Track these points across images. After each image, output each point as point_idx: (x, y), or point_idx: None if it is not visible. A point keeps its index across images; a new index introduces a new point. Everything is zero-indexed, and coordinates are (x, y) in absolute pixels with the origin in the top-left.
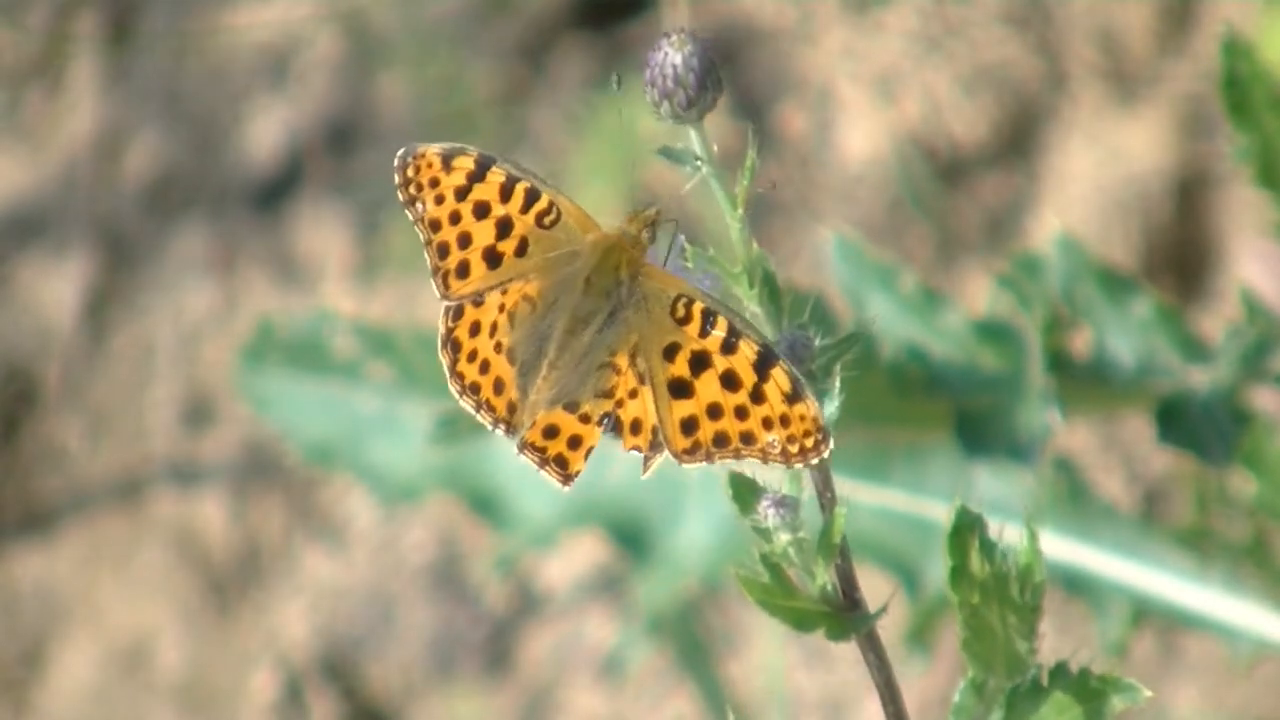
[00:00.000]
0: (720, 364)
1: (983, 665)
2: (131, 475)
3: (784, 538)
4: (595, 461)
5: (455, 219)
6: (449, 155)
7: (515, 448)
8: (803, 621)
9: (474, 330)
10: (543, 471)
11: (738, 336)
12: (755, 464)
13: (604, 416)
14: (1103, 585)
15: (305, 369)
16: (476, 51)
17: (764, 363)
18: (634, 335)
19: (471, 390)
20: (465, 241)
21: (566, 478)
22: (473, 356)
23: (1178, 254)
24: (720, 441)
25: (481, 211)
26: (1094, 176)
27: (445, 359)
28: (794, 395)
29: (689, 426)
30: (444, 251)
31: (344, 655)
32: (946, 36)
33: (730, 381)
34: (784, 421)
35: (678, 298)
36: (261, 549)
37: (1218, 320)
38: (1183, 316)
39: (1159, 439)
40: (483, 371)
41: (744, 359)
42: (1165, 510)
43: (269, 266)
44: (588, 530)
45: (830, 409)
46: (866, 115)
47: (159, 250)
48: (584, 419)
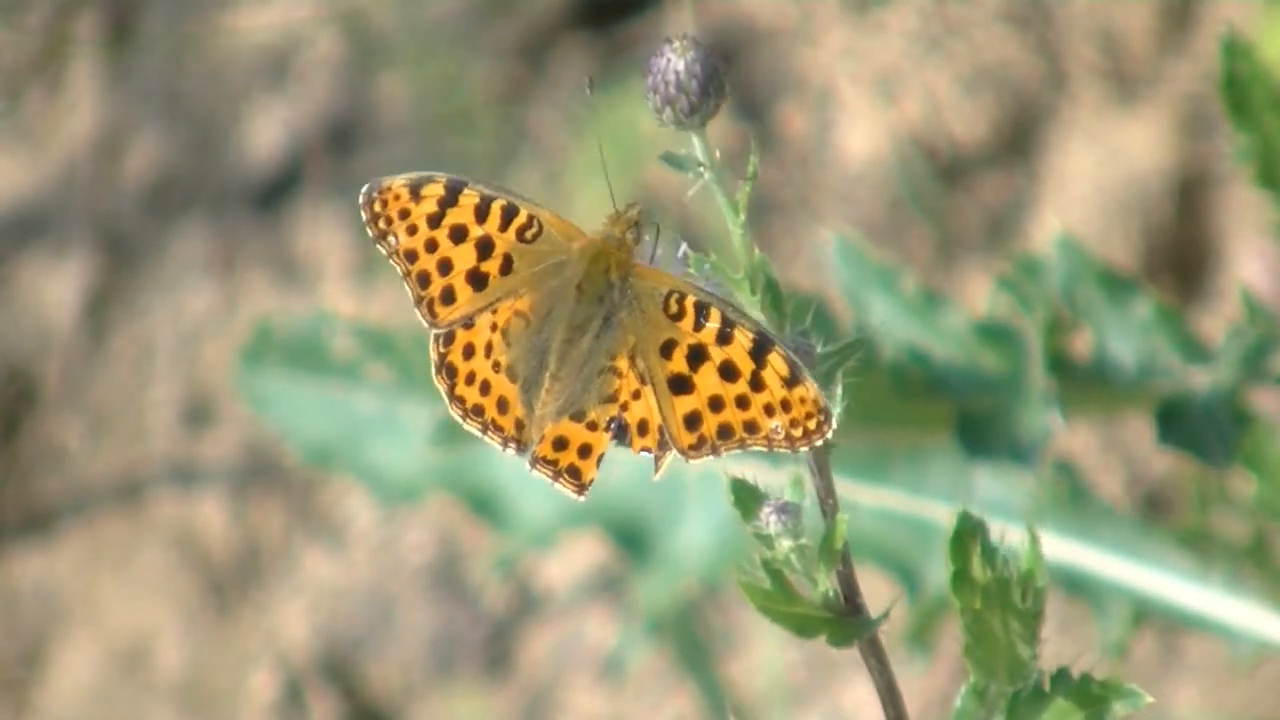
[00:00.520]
0: (717, 355)
1: (985, 671)
2: (131, 475)
3: (786, 544)
4: None
5: (432, 246)
6: (417, 185)
7: (527, 465)
8: (805, 627)
9: (468, 353)
10: (557, 484)
11: (732, 326)
12: (757, 468)
13: (610, 421)
14: (1103, 586)
15: (305, 369)
16: (476, 51)
17: (760, 349)
18: (631, 336)
19: (475, 413)
20: (446, 267)
21: (581, 487)
22: (471, 379)
23: (1178, 254)
24: (724, 433)
25: (459, 235)
26: (1094, 176)
27: (442, 385)
28: (793, 379)
29: (692, 422)
30: (424, 280)
31: (344, 655)
32: (947, 36)
33: (729, 372)
34: (785, 406)
35: (669, 294)
36: (261, 549)
37: (1218, 321)
38: (1183, 317)
39: (1159, 440)
40: (484, 393)
41: (740, 348)
42: (1165, 511)
43: (269, 267)
44: (587, 530)
45: (834, 414)
46: (866, 115)
47: (159, 250)
48: (591, 426)
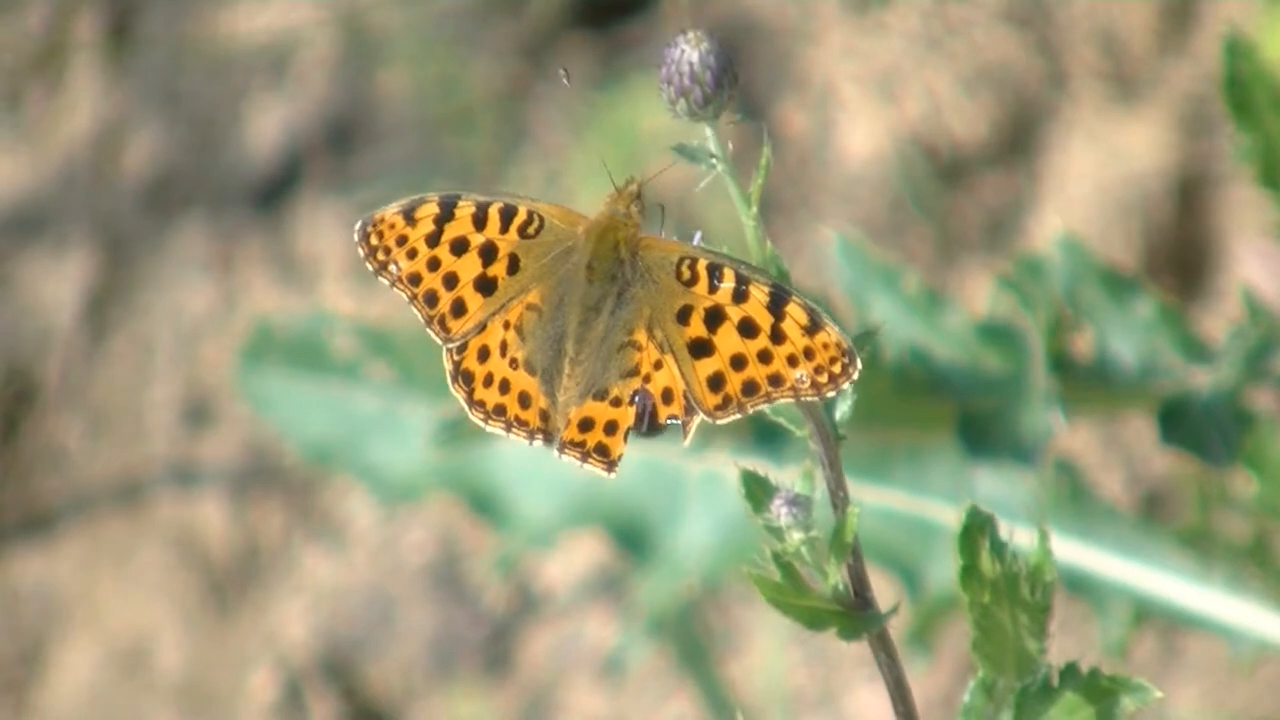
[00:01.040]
0: (735, 314)
1: (993, 665)
2: (131, 475)
3: (796, 536)
4: None
5: (434, 265)
6: (410, 209)
7: (555, 452)
8: (815, 620)
9: (483, 356)
10: (586, 465)
11: (747, 283)
12: (766, 463)
13: (634, 395)
14: (1104, 586)
15: (305, 369)
16: (477, 50)
17: (777, 301)
18: (646, 309)
19: (497, 413)
20: (451, 281)
21: (610, 465)
22: (489, 381)
23: (1178, 254)
24: (749, 390)
25: (460, 247)
26: (1094, 176)
27: (460, 393)
28: (813, 325)
29: (716, 383)
30: (432, 299)
31: (344, 655)
32: (947, 36)
33: (748, 329)
34: (808, 354)
35: (680, 260)
36: (261, 549)
37: (1219, 321)
38: (1185, 317)
39: (1161, 440)
40: (504, 391)
41: (757, 303)
42: (1166, 511)
43: (268, 266)
44: (588, 530)
45: (842, 409)
46: (867, 115)
47: (159, 249)
48: (615, 402)
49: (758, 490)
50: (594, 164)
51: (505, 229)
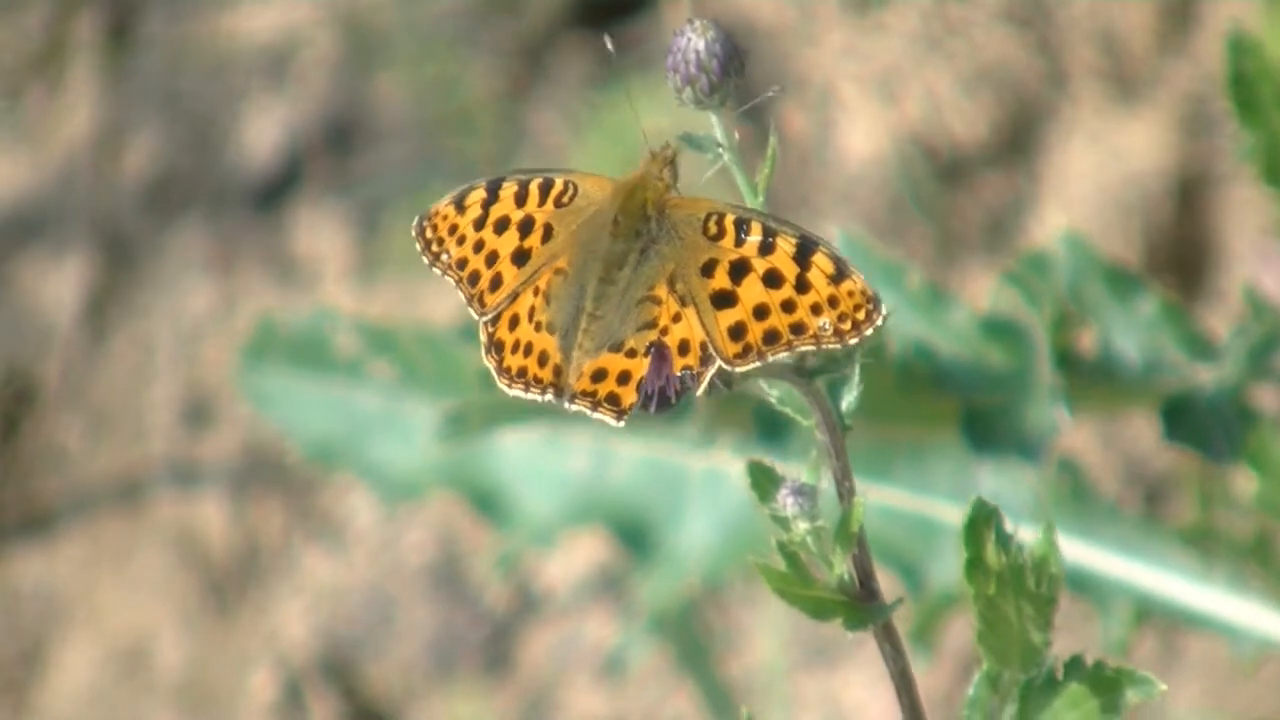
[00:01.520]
0: (760, 266)
1: (998, 657)
2: (131, 475)
3: (802, 526)
4: (597, 460)
5: (479, 246)
6: (460, 197)
7: (565, 404)
8: (820, 610)
9: (513, 323)
10: (595, 414)
11: (773, 235)
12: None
13: (649, 346)
14: (1105, 584)
15: (306, 367)
16: (476, 51)
17: (804, 251)
18: (670, 264)
19: (519, 375)
20: (492, 259)
21: (619, 413)
22: (515, 347)
23: (1179, 253)
24: (770, 339)
25: (502, 226)
26: (1094, 176)
27: (491, 362)
28: (839, 274)
29: (737, 332)
30: (475, 279)
31: (344, 655)
32: (947, 36)
33: (773, 279)
34: (832, 302)
35: (708, 216)
36: (261, 549)
37: (1219, 319)
38: (1188, 314)
39: (1164, 437)
40: (527, 354)
41: (784, 255)
42: (1168, 509)
43: (268, 266)
44: (589, 528)
45: (850, 398)
46: (867, 115)
47: (159, 250)
48: (630, 353)
49: (764, 480)
50: (593, 164)
51: (543, 201)
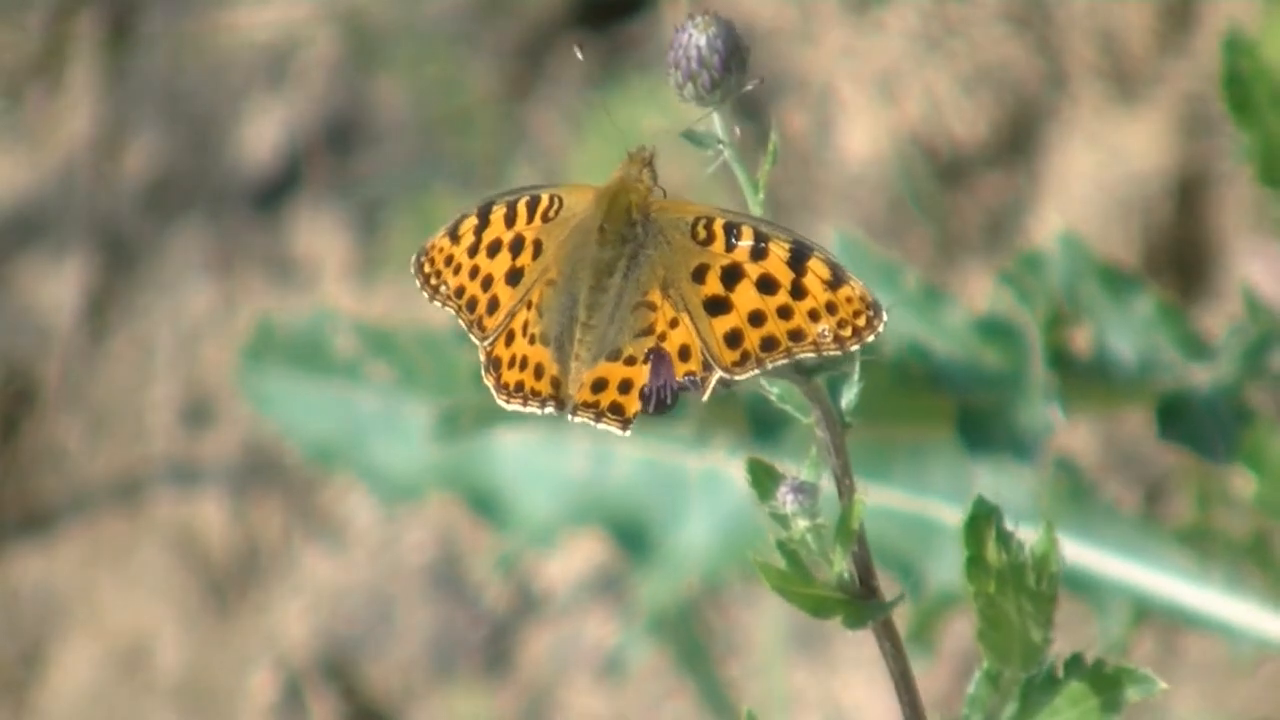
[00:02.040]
0: (753, 271)
1: (998, 655)
2: (131, 475)
3: (802, 524)
4: (595, 460)
5: (474, 272)
6: (454, 228)
7: (568, 416)
8: (820, 608)
9: (509, 339)
10: (600, 425)
11: (765, 240)
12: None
13: (649, 353)
14: (1104, 584)
15: (306, 368)
16: (476, 51)
17: (798, 257)
18: (660, 269)
19: (517, 390)
20: (488, 283)
21: (625, 423)
22: (512, 362)
23: (1178, 253)
24: (768, 345)
25: (494, 249)
26: (1094, 176)
27: (490, 380)
28: (836, 280)
29: (733, 339)
30: (473, 304)
31: (344, 655)
32: (947, 36)
33: (767, 285)
34: (830, 309)
35: (696, 220)
36: (261, 549)
37: (1218, 319)
38: (1184, 314)
39: (1160, 437)
40: (523, 368)
41: (777, 260)
42: (1166, 509)
43: (268, 266)
44: (588, 529)
45: (849, 396)
46: (867, 115)
47: (158, 250)
48: (629, 361)
49: (764, 478)
50: (593, 165)
51: (531, 218)
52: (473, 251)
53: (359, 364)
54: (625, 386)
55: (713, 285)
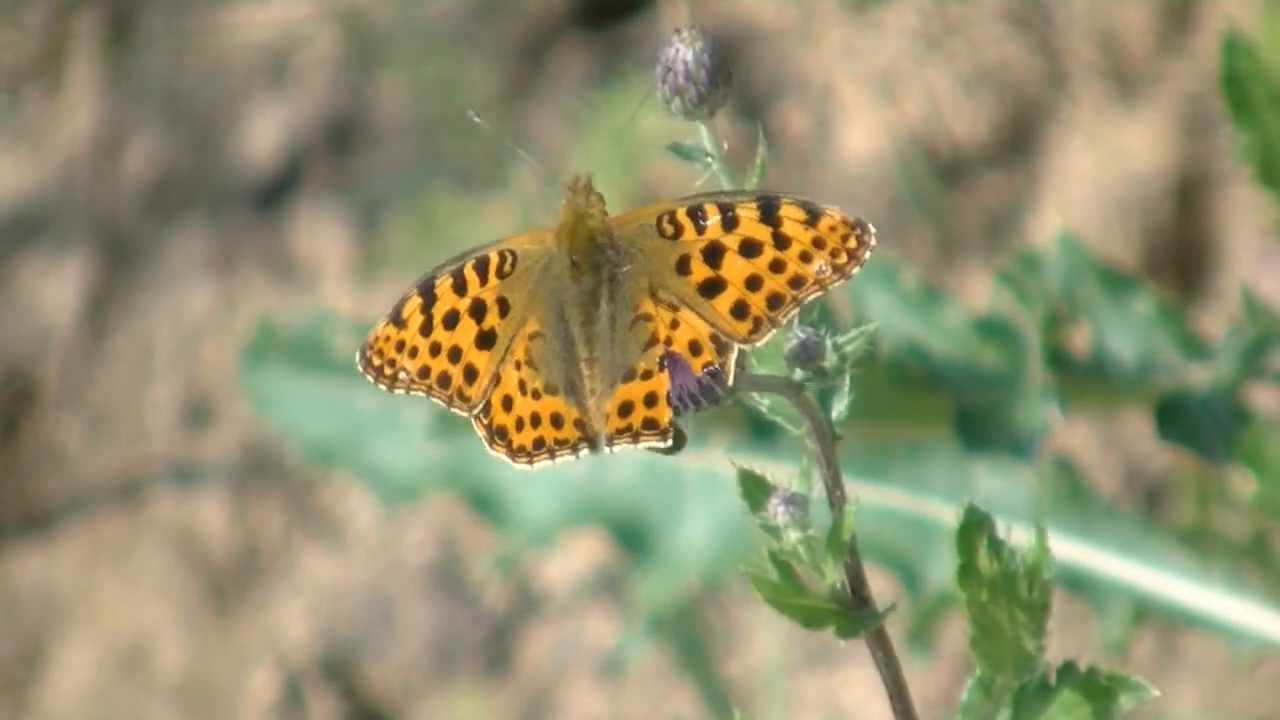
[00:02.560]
0: (732, 242)
1: (991, 663)
2: (131, 475)
3: (794, 535)
4: (594, 461)
5: (435, 349)
6: (396, 313)
7: (605, 449)
8: (812, 619)
9: (507, 405)
10: (640, 445)
11: (731, 209)
12: (763, 461)
13: (661, 360)
14: (1103, 584)
15: (306, 368)
16: (476, 51)
17: (768, 210)
18: (643, 279)
19: (537, 447)
20: (456, 354)
21: (664, 434)
22: (520, 425)
23: (1178, 253)
24: (774, 303)
25: (451, 320)
26: (1094, 176)
27: (501, 450)
28: (812, 216)
29: (739, 311)
30: (445, 380)
31: (344, 655)
32: (947, 36)
33: (751, 249)
34: (818, 244)
35: (659, 218)
36: (261, 549)
37: (1218, 319)
38: (1183, 314)
39: (1159, 437)
40: (535, 425)
41: (749, 222)
42: (1165, 509)
43: (268, 266)
44: (588, 529)
45: (840, 407)
46: (867, 115)
47: (159, 250)
48: (646, 376)
49: (755, 489)
50: (593, 165)
51: (485, 280)
52: (426, 330)
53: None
54: (651, 400)
55: (699, 271)
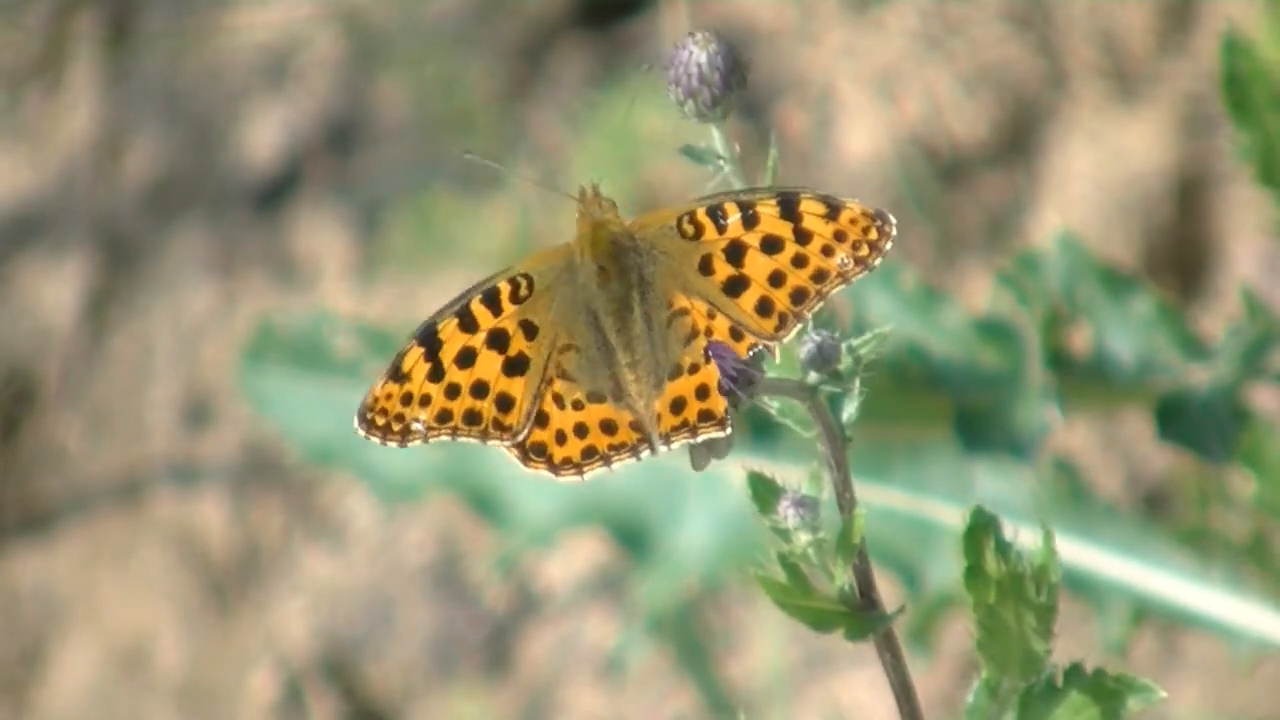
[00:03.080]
0: (753, 239)
1: (997, 666)
2: (131, 475)
3: (804, 538)
4: None
5: (454, 392)
6: (395, 369)
7: (662, 449)
8: (821, 621)
9: (543, 421)
10: (699, 438)
11: (750, 207)
12: (771, 464)
13: (706, 351)
14: (1103, 585)
15: (306, 368)
16: (476, 51)
17: (788, 205)
18: (670, 278)
19: (588, 457)
20: (481, 390)
21: (721, 424)
22: (561, 438)
23: (1178, 253)
24: (799, 298)
25: (467, 358)
26: (1094, 176)
27: (543, 466)
28: (832, 209)
29: (764, 308)
30: (474, 418)
31: (344, 655)
32: (947, 36)
33: (772, 245)
34: (839, 237)
35: (679, 219)
36: (261, 549)
37: (1218, 319)
38: (1183, 314)
39: (1159, 437)
40: (582, 435)
41: (770, 219)
42: (1165, 510)
43: (268, 266)
44: (588, 529)
45: (849, 410)
46: (867, 115)
47: (159, 250)
48: (693, 370)
49: (765, 492)
50: (593, 165)
51: (499, 310)
52: (435, 375)
53: (359, 364)
54: (703, 392)
55: (722, 270)
